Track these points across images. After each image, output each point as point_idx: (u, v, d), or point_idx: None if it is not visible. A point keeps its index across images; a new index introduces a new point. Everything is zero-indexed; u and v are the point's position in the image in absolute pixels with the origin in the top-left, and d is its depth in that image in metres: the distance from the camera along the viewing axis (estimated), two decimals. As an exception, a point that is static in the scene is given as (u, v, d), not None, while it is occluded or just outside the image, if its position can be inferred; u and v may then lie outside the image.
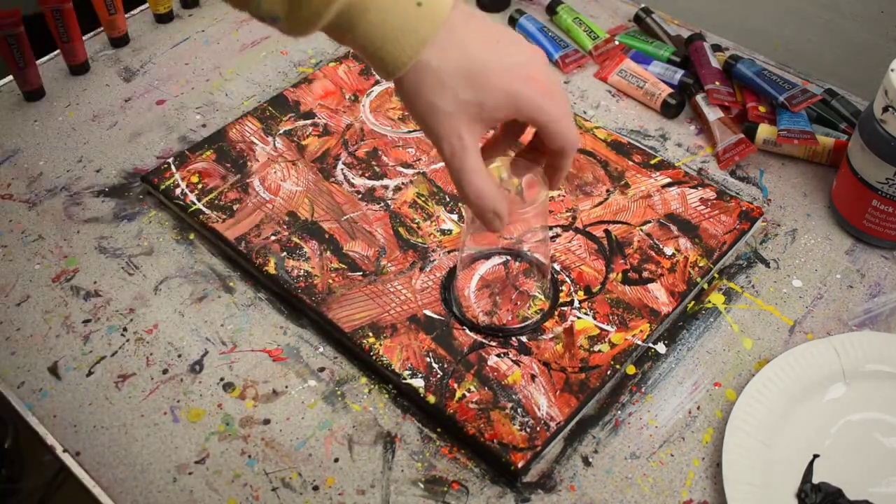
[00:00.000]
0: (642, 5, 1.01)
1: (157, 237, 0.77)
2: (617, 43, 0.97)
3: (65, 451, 0.62)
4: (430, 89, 0.48)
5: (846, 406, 0.63)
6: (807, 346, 0.65)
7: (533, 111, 0.50)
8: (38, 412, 0.64)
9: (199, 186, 0.79)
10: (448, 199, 0.78)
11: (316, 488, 0.60)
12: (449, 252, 0.73)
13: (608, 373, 0.64)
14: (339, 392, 0.65)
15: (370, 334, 0.67)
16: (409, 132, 0.85)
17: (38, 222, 0.78)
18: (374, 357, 0.65)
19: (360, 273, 0.72)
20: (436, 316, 0.68)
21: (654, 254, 0.73)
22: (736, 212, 0.76)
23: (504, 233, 0.70)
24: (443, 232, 0.75)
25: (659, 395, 0.65)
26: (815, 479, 0.58)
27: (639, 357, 0.67)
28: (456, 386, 0.63)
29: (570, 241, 0.74)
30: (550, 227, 0.75)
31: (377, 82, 0.91)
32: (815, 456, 0.59)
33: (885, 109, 0.69)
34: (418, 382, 0.64)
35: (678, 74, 0.91)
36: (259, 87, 0.93)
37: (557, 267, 0.72)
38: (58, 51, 0.96)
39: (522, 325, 0.67)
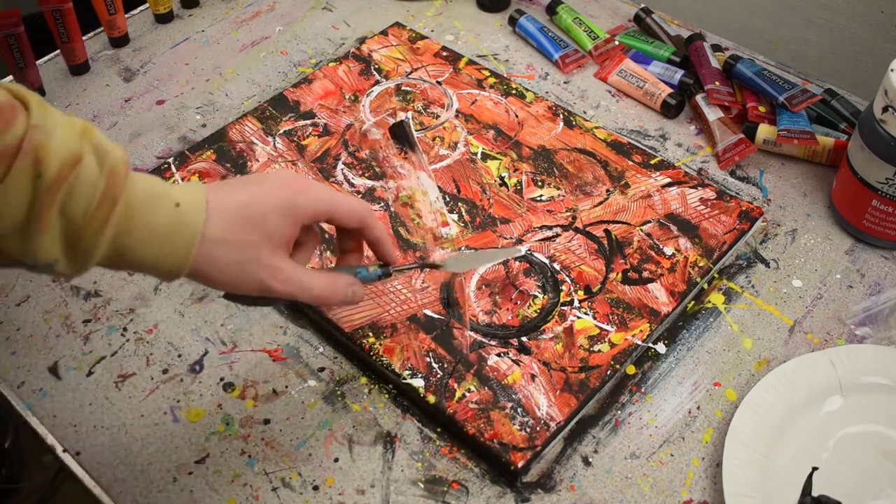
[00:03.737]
0: (642, 5, 1.01)
1: (157, 237, 0.77)
2: (617, 43, 0.97)
3: (65, 451, 0.62)
4: (226, 256, 0.50)
5: (844, 419, 0.62)
6: (802, 358, 0.65)
7: (312, 207, 0.53)
8: (38, 412, 0.64)
9: (199, 186, 0.79)
10: (448, 199, 0.78)
11: (316, 488, 0.60)
12: (450, 251, 0.73)
13: (608, 373, 0.64)
14: (339, 392, 0.65)
15: (370, 334, 0.67)
16: (409, 132, 0.85)
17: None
18: (374, 357, 0.65)
19: (360, 273, 0.72)
20: (436, 316, 0.68)
21: (654, 254, 0.73)
22: (736, 212, 0.76)
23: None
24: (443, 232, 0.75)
25: (659, 395, 0.65)
26: (815, 492, 0.58)
27: (639, 357, 0.67)
28: (456, 386, 0.63)
29: (570, 241, 0.74)
30: (550, 227, 0.75)
31: (377, 82, 0.91)
32: (814, 469, 0.59)
33: (885, 109, 0.69)
34: (418, 382, 0.64)
35: (678, 74, 0.91)
36: (259, 87, 0.93)
37: (557, 267, 0.72)
38: (58, 51, 0.96)
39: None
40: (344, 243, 0.59)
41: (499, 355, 0.66)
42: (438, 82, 0.91)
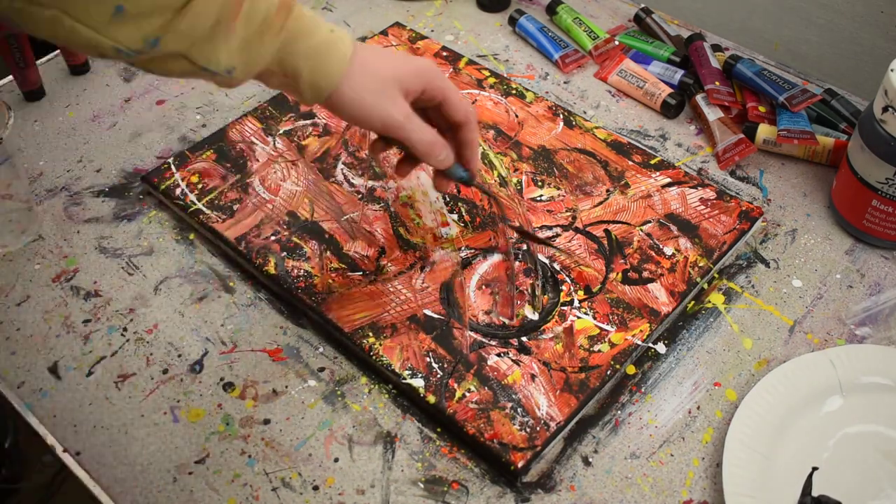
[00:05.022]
0: (642, 5, 1.01)
1: (157, 237, 0.77)
2: (617, 43, 0.97)
3: (65, 451, 0.62)
4: (367, 84, 0.57)
5: (844, 419, 0.62)
6: (802, 358, 0.65)
7: (435, 76, 0.60)
8: (38, 412, 0.64)
9: (199, 186, 0.79)
10: (448, 199, 0.78)
11: (316, 488, 0.60)
12: (450, 252, 0.73)
13: (608, 373, 0.64)
14: (339, 392, 0.65)
15: (370, 334, 0.67)
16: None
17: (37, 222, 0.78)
18: (374, 357, 0.65)
19: (360, 273, 0.72)
20: (436, 316, 0.68)
21: (654, 254, 0.73)
22: (736, 212, 0.76)
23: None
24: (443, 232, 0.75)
25: (659, 395, 0.65)
26: (815, 492, 0.58)
27: (639, 357, 0.67)
28: (456, 386, 0.63)
29: (570, 241, 0.74)
30: (550, 227, 0.75)
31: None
32: (814, 469, 0.59)
33: (885, 109, 0.69)
34: (418, 382, 0.64)
35: (678, 74, 0.91)
36: (259, 86, 0.93)
37: (557, 266, 0.72)
38: (58, 51, 0.96)
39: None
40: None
41: (499, 355, 0.66)
42: (438, 82, 0.91)
